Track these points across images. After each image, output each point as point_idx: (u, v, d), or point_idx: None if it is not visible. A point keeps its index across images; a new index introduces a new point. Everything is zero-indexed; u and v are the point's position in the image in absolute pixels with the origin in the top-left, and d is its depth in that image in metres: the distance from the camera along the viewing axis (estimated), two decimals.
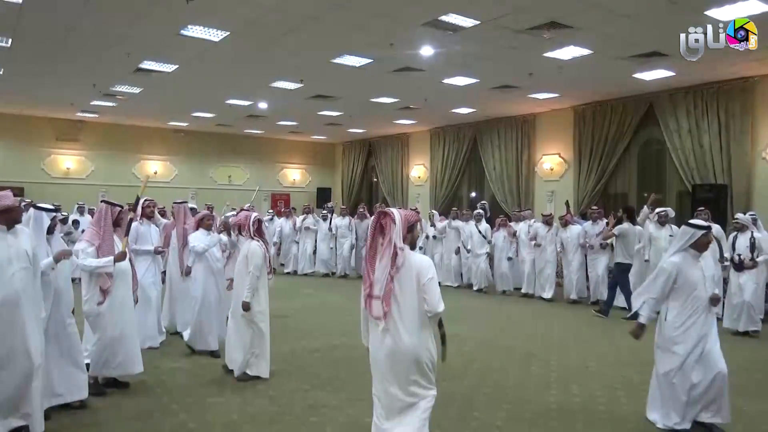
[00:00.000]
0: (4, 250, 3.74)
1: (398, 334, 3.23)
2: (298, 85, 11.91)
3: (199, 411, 4.65)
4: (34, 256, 3.91)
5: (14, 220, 3.88)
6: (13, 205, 3.86)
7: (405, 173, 18.93)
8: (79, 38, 8.90)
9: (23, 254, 3.81)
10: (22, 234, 3.92)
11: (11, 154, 16.28)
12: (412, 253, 3.34)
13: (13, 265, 3.74)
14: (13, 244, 3.80)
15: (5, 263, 3.72)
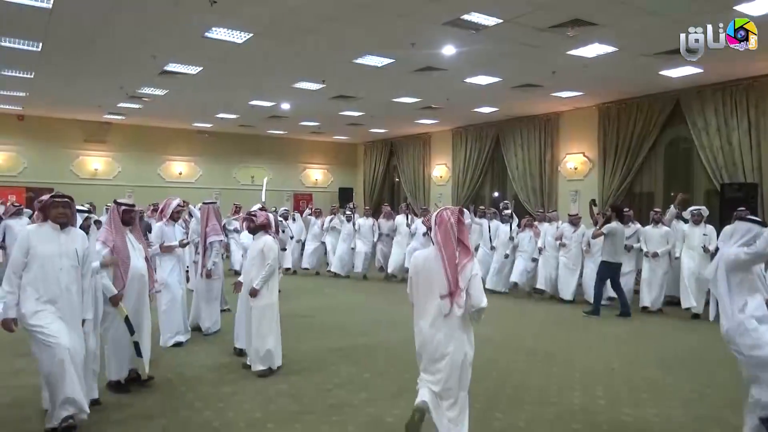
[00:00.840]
0: (56, 246, 4.03)
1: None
2: (320, 85, 11.97)
3: (223, 408, 4.70)
4: (84, 257, 4.16)
5: (68, 222, 4.15)
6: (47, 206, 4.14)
7: (427, 173, 18.89)
8: (106, 42, 9.08)
9: (72, 253, 4.07)
10: (74, 234, 4.17)
11: (42, 156, 16.68)
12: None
13: (62, 260, 4.01)
14: (64, 242, 4.08)
15: (56, 258, 4.00)
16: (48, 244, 4.02)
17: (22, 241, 4.04)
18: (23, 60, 10.17)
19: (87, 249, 4.23)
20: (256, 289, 5.54)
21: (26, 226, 4.14)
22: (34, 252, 3.97)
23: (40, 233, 4.08)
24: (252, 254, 5.76)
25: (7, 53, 9.68)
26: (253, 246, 5.81)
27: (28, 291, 3.93)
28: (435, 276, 3.47)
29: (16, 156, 16.43)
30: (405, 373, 5.74)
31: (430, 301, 3.50)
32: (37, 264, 3.96)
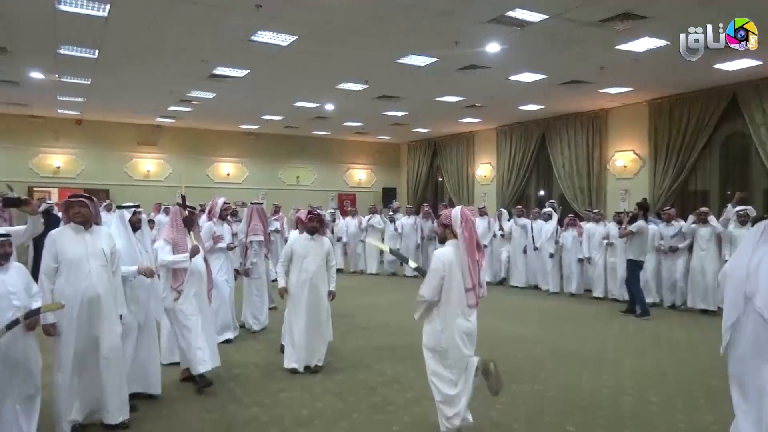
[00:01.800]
0: (82, 248, 4.03)
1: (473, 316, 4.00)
2: (364, 86, 12.04)
3: (271, 405, 4.79)
4: (111, 255, 4.17)
5: (87, 221, 4.14)
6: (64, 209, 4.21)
7: (471, 172, 18.73)
8: (158, 48, 9.38)
9: (100, 253, 4.07)
10: (100, 234, 4.19)
11: (98, 159, 17.38)
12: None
13: (90, 262, 4.02)
14: (90, 242, 4.08)
15: (83, 260, 4.01)
16: (74, 247, 4.01)
17: (50, 246, 4.01)
18: (81, 67, 10.63)
19: (114, 246, 4.23)
20: (334, 293, 5.83)
21: (52, 231, 4.12)
22: (62, 256, 3.97)
23: (65, 236, 4.07)
24: (317, 255, 5.77)
25: (66, 61, 10.14)
26: (324, 247, 5.84)
27: (60, 296, 3.93)
28: (460, 271, 3.85)
29: (74, 159, 17.18)
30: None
31: (458, 294, 3.87)
32: (67, 267, 3.97)
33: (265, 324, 7.53)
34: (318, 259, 5.75)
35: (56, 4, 7.38)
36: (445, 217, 4.01)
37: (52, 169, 16.86)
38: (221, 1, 7.31)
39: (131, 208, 4.71)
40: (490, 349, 6.70)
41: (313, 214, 5.90)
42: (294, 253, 5.76)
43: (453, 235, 3.95)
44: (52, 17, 7.88)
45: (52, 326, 3.91)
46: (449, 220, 3.96)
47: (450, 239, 3.96)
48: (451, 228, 3.97)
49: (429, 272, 3.92)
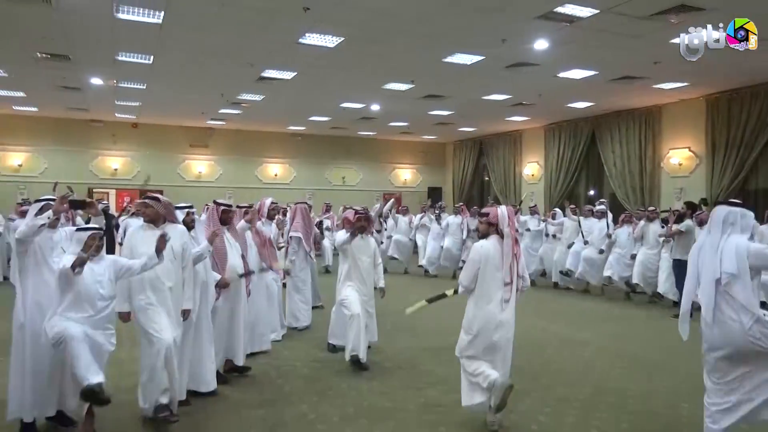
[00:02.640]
0: (153, 245, 4.20)
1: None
2: (410, 85, 12.04)
3: (318, 402, 4.85)
4: (182, 251, 4.39)
5: (153, 220, 4.39)
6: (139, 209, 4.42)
7: (518, 171, 18.46)
8: (209, 52, 9.65)
9: (169, 249, 4.25)
10: (171, 231, 4.37)
11: (152, 161, 18.02)
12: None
13: (161, 257, 4.20)
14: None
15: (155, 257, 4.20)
16: (146, 244, 4.24)
17: (127, 242, 4.42)
18: (137, 72, 11.05)
19: (185, 243, 4.43)
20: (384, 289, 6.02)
21: (130, 228, 4.51)
22: (136, 252, 4.26)
23: (138, 234, 4.39)
24: (367, 253, 5.90)
25: (123, 67, 10.56)
26: (363, 246, 5.92)
27: (134, 288, 4.22)
28: (499, 265, 4.10)
29: (131, 161, 17.87)
30: None
31: (494, 287, 4.11)
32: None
33: (306, 323, 7.55)
34: (368, 258, 5.92)
35: (115, 13, 7.69)
36: (492, 216, 4.19)
37: (110, 171, 17.59)
38: (270, 5, 7.46)
39: (185, 209, 4.86)
40: (539, 351, 6.59)
41: (361, 213, 5.99)
42: (345, 251, 5.92)
43: (496, 232, 4.17)
44: (110, 25, 8.22)
45: (127, 314, 4.24)
46: (497, 219, 4.17)
47: (492, 235, 4.19)
48: (497, 226, 4.17)
49: (467, 262, 4.28)
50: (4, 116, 16.15)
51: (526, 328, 7.83)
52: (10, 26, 8.36)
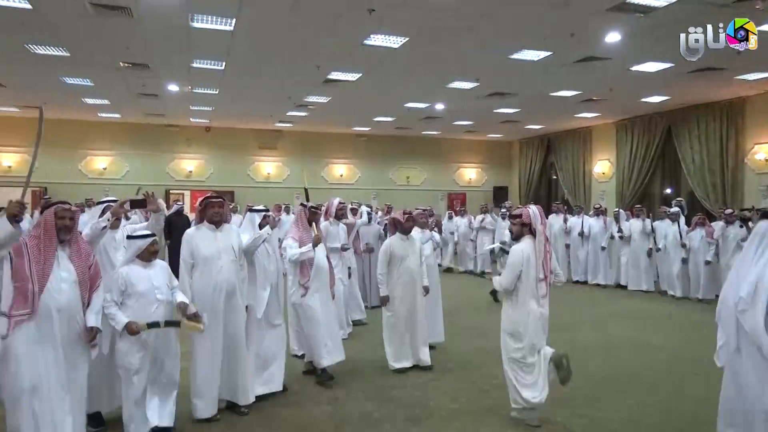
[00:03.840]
0: (214, 246, 4.39)
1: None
2: (475, 84, 11.91)
3: (384, 401, 4.89)
4: (239, 251, 4.49)
5: (222, 221, 4.50)
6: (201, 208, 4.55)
7: (587, 169, 17.86)
8: (277, 56, 9.92)
9: (230, 249, 4.42)
10: (230, 232, 4.54)
11: (224, 163, 18.73)
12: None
13: (221, 258, 4.38)
14: (221, 240, 4.44)
15: (215, 257, 4.37)
16: (207, 244, 4.36)
17: (186, 244, 4.41)
18: (210, 78, 11.52)
19: (242, 243, 4.54)
20: (428, 287, 5.98)
21: (188, 229, 4.58)
22: (197, 253, 4.34)
23: (198, 235, 4.44)
24: (415, 254, 5.88)
25: (197, 73, 11.04)
26: (410, 246, 5.90)
27: (197, 289, 4.32)
28: (536, 264, 4.29)
29: (204, 163, 18.65)
30: None
31: (533, 285, 4.29)
32: (202, 263, 4.35)
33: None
34: (418, 258, 5.87)
35: (190, 22, 8.05)
36: (525, 217, 4.37)
37: (185, 173, 18.42)
38: (336, 9, 7.58)
39: (261, 212, 5.00)
40: (612, 355, 6.36)
41: (407, 214, 5.91)
42: (393, 255, 5.76)
43: (529, 231, 4.37)
44: (186, 34, 8.62)
45: (195, 315, 4.22)
46: (530, 219, 4.36)
47: (526, 236, 4.38)
48: (530, 226, 4.36)
49: (508, 265, 4.38)
50: (90, 123, 17.26)
51: (596, 332, 7.59)
52: (97, 39, 8.93)
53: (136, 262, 4.04)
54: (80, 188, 16.33)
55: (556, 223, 12.50)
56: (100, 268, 3.88)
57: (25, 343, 3.35)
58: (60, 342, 3.46)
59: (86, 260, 3.69)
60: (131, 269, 3.99)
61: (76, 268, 3.59)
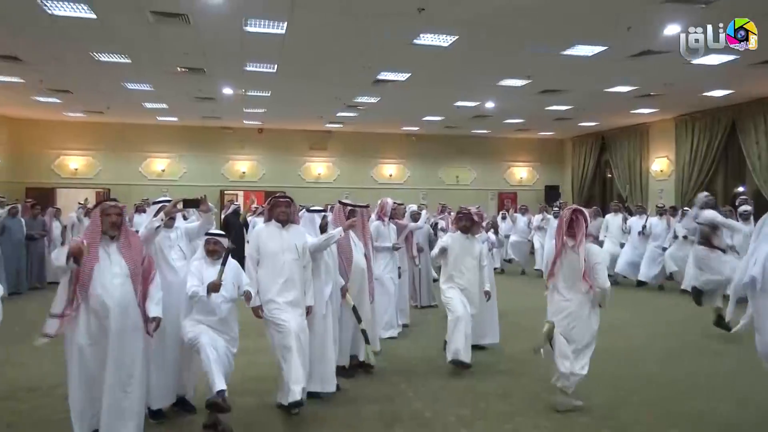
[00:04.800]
0: (279, 243, 4.53)
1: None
2: (526, 81, 11.72)
3: (434, 401, 4.88)
4: (303, 250, 4.59)
5: (288, 220, 4.63)
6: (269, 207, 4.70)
7: (644, 167, 17.24)
8: (328, 58, 10.05)
9: (293, 247, 4.53)
10: (294, 230, 4.66)
11: (276, 164, 19.13)
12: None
13: (285, 255, 4.50)
14: (286, 238, 4.57)
15: (279, 253, 4.50)
16: (272, 241, 4.51)
17: (253, 240, 4.64)
18: (263, 81, 11.78)
19: (305, 243, 4.64)
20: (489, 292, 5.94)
21: (257, 226, 4.74)
22: (263, 249, 4.51)
23: (265, 232, 4.61)
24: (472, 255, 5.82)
25: (251, 76, 11.32)
26: (469, 246, 5.85)
27: (262, 283, 4.48)
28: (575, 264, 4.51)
29: (256, 164, 19.09)
30: (619, 380, 5.37)
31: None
32: (266, 259, 4.50)
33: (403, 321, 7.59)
34: (473, 259, 5.78)
35: (243, 27, 8.27)
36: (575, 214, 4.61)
37: (238, 174, 18.91)
38: (386, 9, 7.61)
39: (320, 212, 5.14)
40: (672, 361, 6.14)
41: (463, 212, 5.85)
42: (449, 249, 5.76)
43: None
44: (240, 39, 8.85)
45: (260, 308, 4.43)
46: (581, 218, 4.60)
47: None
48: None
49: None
50: (149, 126, 17.97)
51: (658, 336, 7.34)
52: (156, 46, 9.29)
53: (204, 260, 4.24)
54: (140, 189, 17.03)
55: (614, 222, 12.15)
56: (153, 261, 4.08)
57: (84, 336, 3.60)
58: (115, 335, 3.65)
59: (138, 255, 3.87)
60: (201, 266, 4.20)
61: (127, 263, 3.78)
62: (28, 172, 17.24)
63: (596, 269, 4.50)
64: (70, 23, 8.12)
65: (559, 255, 4.63)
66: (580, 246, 4.47)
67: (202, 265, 4.23)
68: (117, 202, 3.89)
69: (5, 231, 10.09)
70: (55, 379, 5.01)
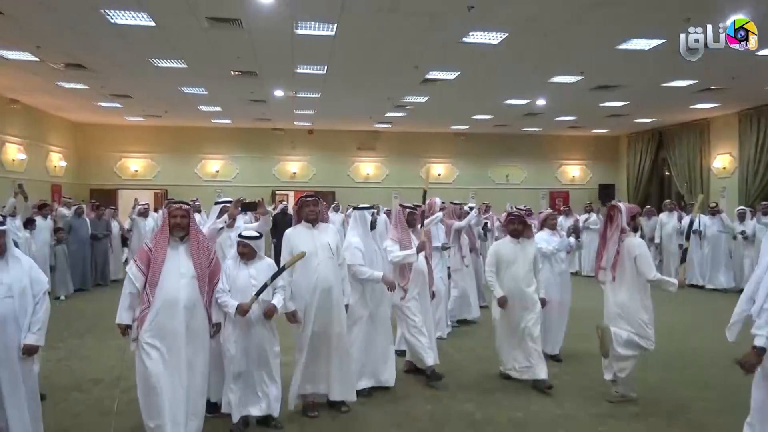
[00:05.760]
0: (311, 243, 4.47)
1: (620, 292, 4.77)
2: (579, 77, 11.43)
3: (485, 403, 4.83)
4: (337, 249, 4.57)
5: (317, 219, 4.59)
6: (297, 207, 4.66)
7: (705, 164, 16.51)
8: (377, 58, 10.09)
9: (326, 246, 4.50)
10: (326, 230, 4.63)
11: (325, 164, 19.37)
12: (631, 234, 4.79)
13: (318, 255, 4.46)
14: (317, 237, 4.53)
15: (312, 254, 4.43)
16: (304, 242, 4.42)
17: (286, 242, 4.51)
18: (313, 83, 11.96)
19: (339, 241, 4.63)
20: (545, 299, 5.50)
21: (287, 230, 4.64)
22: (296, 251, 4.36)
23: (296, 234, 4.53)
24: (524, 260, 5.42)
25: (301, 78, 11.51)
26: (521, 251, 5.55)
27: (296, 286, 4.41)
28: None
29: (307, 165, 19.38)
30: (681, 389, 5.16)
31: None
32: (300, 261, 4.36)
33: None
34: (526, 265, 5.31)
35: (294, 29, 8.41)
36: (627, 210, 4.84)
37: (289, 174, 19.25)
38: (435, 8, 7.59)
39: (370, 209, 5.10)
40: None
41: (513, 215, 5.47)
42: (499, 259, 5.37)
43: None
44: (291, 41, 9.01)
45: (293, 314, 4.35)
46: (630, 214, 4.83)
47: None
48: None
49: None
50: (204, 129, 18.53)
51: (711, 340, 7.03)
52: (212, 50, 9.57)
53: (236, 261, 4.20)
54: (196, 190, 17.57)
55: (669, 221, 11.71)
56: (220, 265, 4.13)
57: (149, 335, 3.70)
58: (180, 335, 3.74)
59: (206, 257, 3.94)
60: (234, 266, 4.18)
61: (194, 264, 3.85)
62: (91, 174, 18.10)
63: (638, 261, 4.58)
64: (130, 31, 8.47)
65: (603, 251, 4.90)
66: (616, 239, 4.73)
67: (234, 265, 4.19)
68: (182, 204, 3.94)
69: (72, 230, 10.63)
70: (118, 371, 5.25)
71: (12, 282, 3.50)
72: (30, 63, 10.33)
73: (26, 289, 3.55)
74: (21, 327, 3.51)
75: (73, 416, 4.49)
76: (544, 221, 6.34)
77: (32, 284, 3.59)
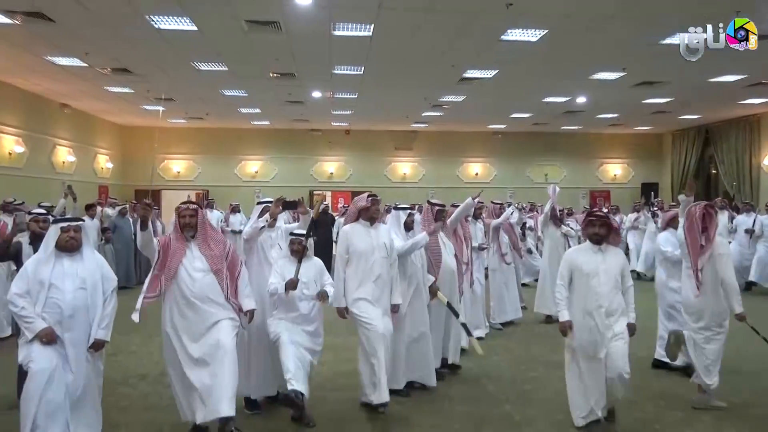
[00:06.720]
0: (368, 242, 4.60)
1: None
2: (620, 74, 11.16)
3: (524, 404, 4.78)
4: (390, 248, 4.65)
5: (372, 218, 4.69)
6: (367, 206, 4.72)
7: (754, 162, 15.89)
8: (413, 58, 10.08)
9: (382, 246, 4.60)
10: (382, 229, 4.75)
11: (362, 164, 19.47)
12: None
13: (374, 254, 4.56)
14: (374, 236, 4.64)
15: (369, 252, 4.56)
16: (362, 241, 4.57)
17: (342, 240, 4.70)
18: (350, 83, 12.03)
19: (392, 241, 4.71)
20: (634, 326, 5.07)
21: (344, 227, 4.83)
22: (353, 248, 4.57)
23: (354, 231, 4.66)
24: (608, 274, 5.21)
25: (338, 79, 11.60)
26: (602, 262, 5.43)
27: (350, 283, 4.55)
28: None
29: (344, 165, 19.52)
30: (731, 396, 4.98)
31: None
32: (356, 258, 4.55)
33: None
34: (610, 280, 4.08)
35: (332, 31, 8.48)
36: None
37: (326, 174, 19.42)
38: (472, 6, 7.53)
39: (406, 210, 5.18)
40: None
41: (593, 216, 4.25)
42: (574, 269, 4.20)
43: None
44: (328, 43, 9.09)
45: (345, 309, 4.52)
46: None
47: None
48: None
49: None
50: (244, 130, 18.87)
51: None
52: (251, 53, 9.74)
53: (288, 259, 4.38)
54: (236, 191, 17.92)
55: (720, 221, 11.31)
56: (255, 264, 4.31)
57: (169, 325, 3.92)
58: (198, 324, 3.87)
59: (219, 251, 4.04)
60: (285, 264, 4.36)
61: (208, 259, 3.98)
62: (136, 175, 18.63)
63: (721, 260, 4.49)
64: (174, 36, 8.70)
65: (698, 254, 4.58)
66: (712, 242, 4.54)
67: (286, 264, 4.37)
68: (190, 204, 4.08)
69: (116, 230, 10.97)
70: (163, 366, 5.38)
71: (86, 276, 3.70)
72: (79, 68, 10.73)
73: (98, 284, 3.76)
74: (89, 320, 3.69)
75: (119, 410, 4.63)
76: (671, 221, 5.77)
77: (103, 280, 3.80)
